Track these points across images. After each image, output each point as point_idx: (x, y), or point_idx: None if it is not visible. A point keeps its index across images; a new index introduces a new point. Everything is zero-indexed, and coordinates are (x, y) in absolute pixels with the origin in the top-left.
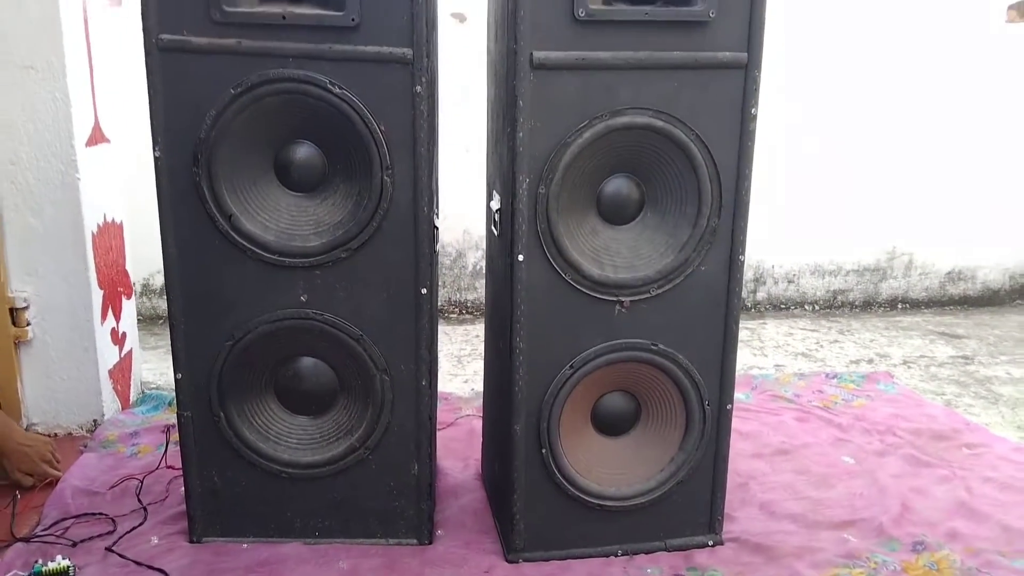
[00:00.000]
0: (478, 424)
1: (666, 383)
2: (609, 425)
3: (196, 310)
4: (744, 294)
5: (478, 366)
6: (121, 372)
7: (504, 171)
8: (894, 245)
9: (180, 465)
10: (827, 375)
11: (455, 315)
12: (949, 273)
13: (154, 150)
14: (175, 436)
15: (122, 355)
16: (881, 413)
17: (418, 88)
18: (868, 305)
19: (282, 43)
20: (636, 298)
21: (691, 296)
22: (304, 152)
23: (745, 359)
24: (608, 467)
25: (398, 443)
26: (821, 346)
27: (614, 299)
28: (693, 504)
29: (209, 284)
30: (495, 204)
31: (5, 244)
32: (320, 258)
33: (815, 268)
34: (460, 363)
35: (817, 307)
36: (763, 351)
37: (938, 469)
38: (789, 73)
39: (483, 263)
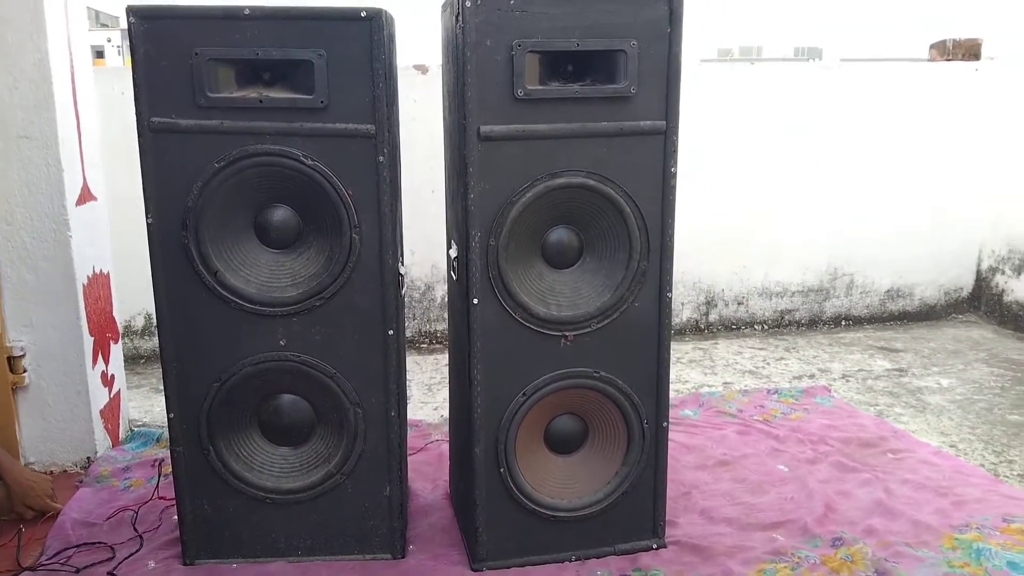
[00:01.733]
0: (446, 448)
1: (609, 405)
2: (560, 444)
3: (186, 356)
4: (697, 316)
5: (447, 394)
6: (111, 412)
7: (459, 225)
8: (835, 267)
9: (172, 496)
10: (769, 391)
11: (425, 345)
12: (888, 291)
13: (147, 217)
14: (166, 469)
15: (111, 396)
16: (816, 424)
17: (381, 158)
18: (814, 323)
19: (260, 123)
20: (579, 332)
21: (627, 328)
22: (281, 214)
23: (696, 378)
24: (560, 482)
25: (371, 468)
26: (768, 363)
27: (559, 334)
28: (638, 512)
29: (197, 332)
30: (453, 252)
31: (3, 297)
32: (297, 307)
33: (763, 290)
34: (430, 391)
35: (766, 327)
36: (713, 370)
37: (862, 473)
38: (732, 105)
39: None
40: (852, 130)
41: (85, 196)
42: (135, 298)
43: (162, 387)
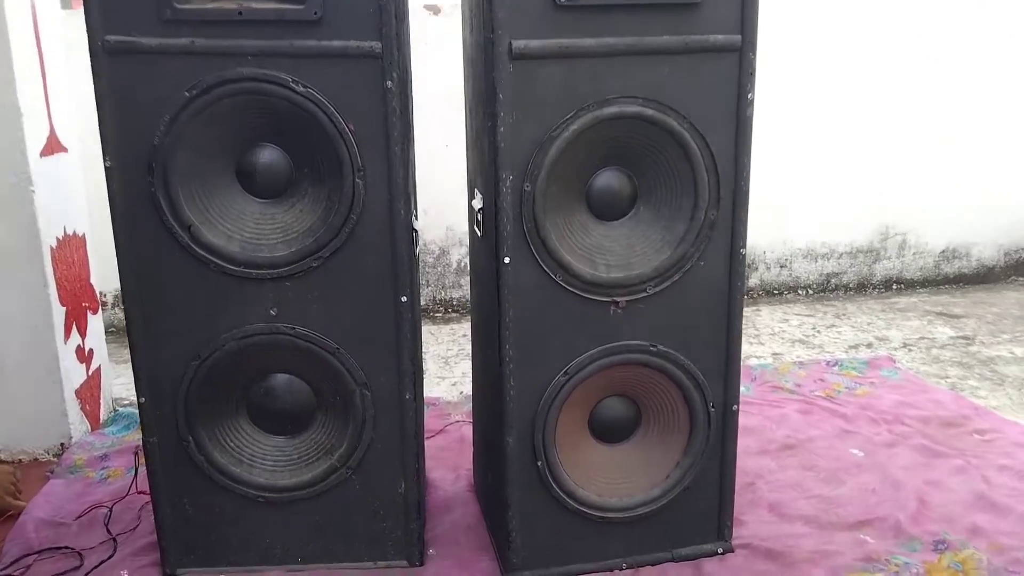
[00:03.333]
0: (468, 431)
1: (667, 386)
2: (608, 432)
3: (158, 329)
4: None
5: (466, 367)
6: (89, 391)
7: (486, 168)
8: (887, 225)
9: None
10: (828, 363)
11: (440, 314)
12: (943, 252)
13: (104, 159)
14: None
15: (90, 373)
16: (887, 401)
17: (389, 83)
18: (862, 287)
19: (239, 41)
20: (632, 297)
21: (690, 293)
22: (268, 156)
23: (742, 348)
24: (609, 476)
25: (382, 461)
26: (818, 331)
27: (609, 300)
28: (700, 511)
29: (171, 300)
30: (477, 203)
31: None
32: (290, 268)
33: (807, 252)
34: (447, 365)
35: (811, 291)
36: (759, 339)
37: (951, 459)
38: (777, 53)
39: (467, 260)
40: (903, 73)
41: (53, 146)
42: None
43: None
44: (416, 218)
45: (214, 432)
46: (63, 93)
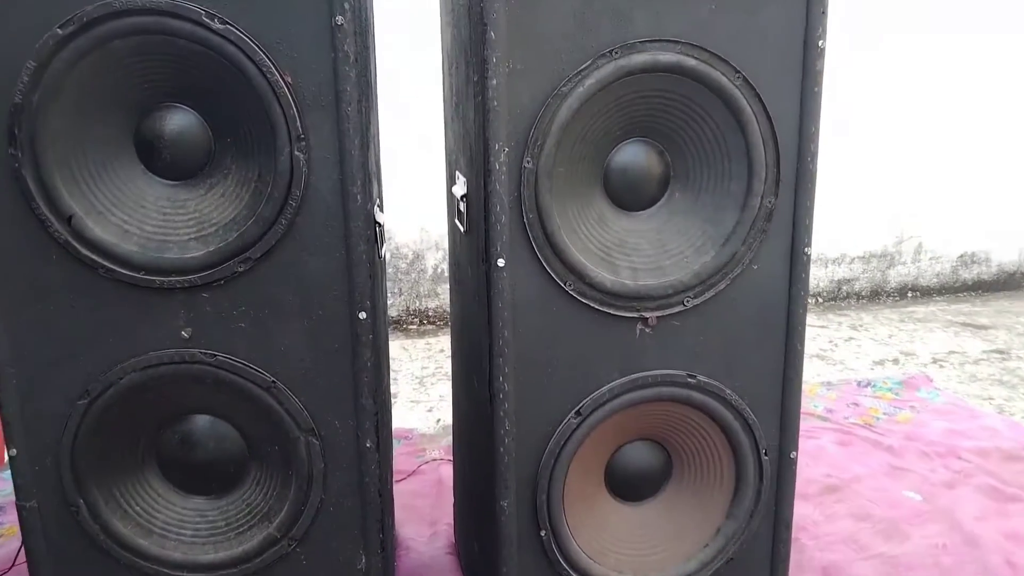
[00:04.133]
0: (448, 471)
1: (707, 427)
2: (630, 488)
3: (31, 357)
4: None
5: (444, 389)
6: None
7: (472, 140)
8: (902, 229)
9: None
10: (858, 383)
11: (415, 326)
12: (961, 256)
13: None
14: None
15: None
16: (934, 429)
17: (339, 19)
18: (876, 295)
19: None
20: (665, 312)
21: (740, 306)
22: (177, 121)
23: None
24: (632, 546)
25: (336, 529)
26: (835, 345)
27: (635, 315)
28: None
29: (48, 320)
30: (459, 189)
31: None
32: (207, 274)
33: (818, 257)
34: (422, 386)
35: (821, 299)
36: None
37: None
38: None
39: (444, 266)
40: (923, 74)
41: None
42: None
43: None
44: (380, 208)
45: (112, 493)
46: None
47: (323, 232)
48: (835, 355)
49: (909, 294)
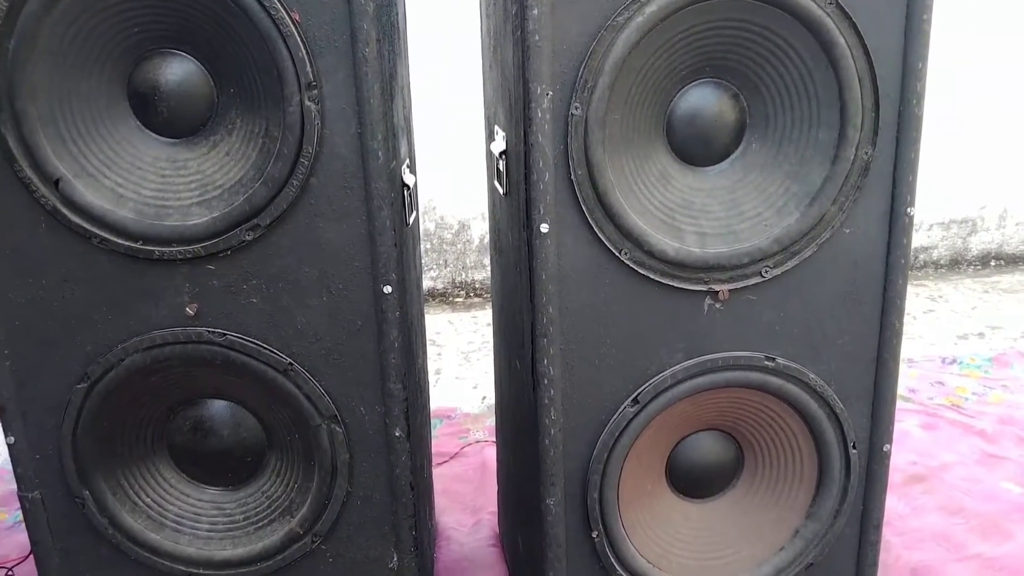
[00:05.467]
0: (491, 454)
1: (787, 416)
2: (695, 483)
3: (25, 339)
4: None
5: (490, 364)
6: None
7: (511, 85)
8: (985, 193)
9: None
10: (944, 360)
11: (461, 299)
12: None
13: None
14: None
15: None
16: None
17: None
18: (956, 264)
19: None
20: (739, 285)
21: (828, 277)
22: (174, 69)
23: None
24: (695, 549)
25: (364, 524)
26: (914, 318)
27: (703, 288)
28: None
29: (39, 297)
30: (497, 145)
31: None
32: (212, 243)
33: None
34: (467, 361)
35: None
36: None
37: None
38: None
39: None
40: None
41: None
42: None
43: None
44: (411, 168)
45: (120, 484)
46: None
47: (341, 195)
48: (914, 329)
49: (992, 263)
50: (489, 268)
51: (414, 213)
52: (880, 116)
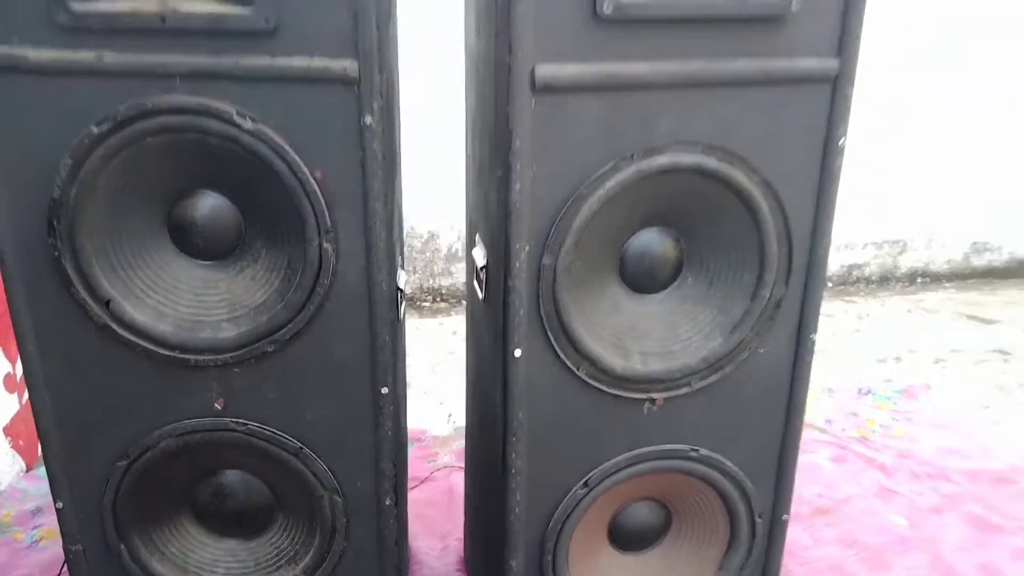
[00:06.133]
0: (458, 480)
1: (707, 492)
2: (631, 540)
3: (75, 424)
4: None
5: (454, 377)
6: (23, 422)
7: (493, 226)
8: (914, 216)
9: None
10: (860, 391)
11: (428, 304)
12: (974, 244)
13: None
14: None
15: (23, 401)
16: (928, 447)
17: (368, 119)
18: (886, 280)
19: (164, 56)
20: (672, 394)
21: (744, 386)
22: (209, 206)
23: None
24: None
25: (357, 573)
26: (838, 338)
27: (644, 396)
28: None
29: (89, 391)
30: (479, 256)
31: None
32: (239, 353)
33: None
34: (435, 373)
35: (831, 283)
36: None
37: (1009, 536)
38: None
39: (458, 245)
40: (944, 59)
41: None
42: None
43: None
44: (402, 265)
45: (151, 538)
46: None
47: (349, 316)
48: (839, 350)
49: (919, 280)
50: (456, 275)
51: (403, 306)
52: (793, 264)
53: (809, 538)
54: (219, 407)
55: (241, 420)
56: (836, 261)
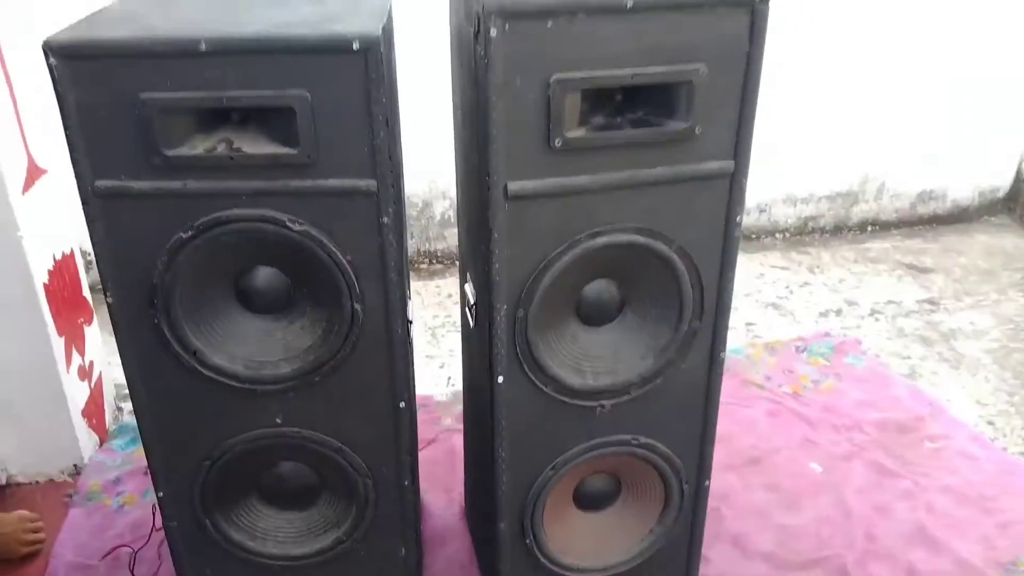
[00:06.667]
0: (459, 441)
1: (646, 467)
2: (590, 502)
3: (170, 437)
4: None
5: (453, 341)
6: (94, 405)
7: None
8: (867, 171)
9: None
10: (797, 348)
11: (425, 266)
12: (920, 194)
13: (105, 295)
14: None
15: (92, 386)
16: (849, 400)
17: (385, 219)
18: (839, 230)
19: (232, 183)
20: (617, 400)
21: (671, 393)
22: (266, 276)
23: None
24: (590, 542)
25: (384, 534)
26: (791, 292)
27: (595, 404)
28: (670, 567)
29: (181, 414)
30: (470, 294)
31: None
32: (292, 383)
33: (787, 196)
34: (434, 338)
35: (788, 235)
36: (734, 302)
37: (900, 479)
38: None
39: (451, 213)
40: (892, 22)
41: (32, 175)
42: None
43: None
44: (409, 296)
45: (229, 514)
46: (29, 102)
47: (373, 353)
48: (788, 304)
49: (869, 228)
50: (449, 240)
51: (412, 334)
52: (704, 305)
53: (741, 484)
54: (279, 421)
55: (295, 429)
56: (793, 214)
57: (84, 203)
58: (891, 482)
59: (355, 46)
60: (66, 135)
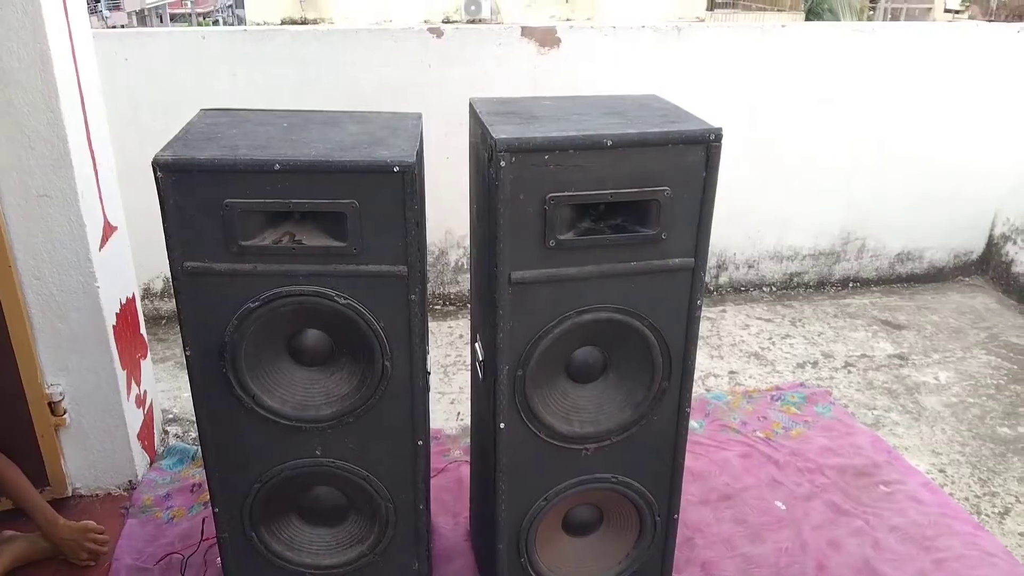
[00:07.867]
0: (465, 471)
1: (623, 501)
2: (576, 528)
3: (227, 463)
4: (707, 279)
5: (464, 380)
6: (146, 429)
7: (488, 352)
8: (849, 231)
9: (213, 532)
10: (772, 396)
11: (439, 307)
12: (899, 254)
13: (185, 350)
14: (203, 497)
15: (145, 413)
16: (815, 446)
17: (412, 297)
18: (821, 285)
19: (293, 265)
20: (599, 445)
21: (645, 439)
22: (314, 336)
23: (702, 362)
24: (575, 562)
25: (401, 549)
26: (773, 343)
27: (580, 447)
28: None
29: (238, 444)
30: (479, 352)
31: (38, 346)
32: (331, 423)
33: (775, 254)
34: (446, 376)
35: (775, 289)
36: (720, 351)
37: (854, 519)
38: (751, 68)
39: (464, 260)
40: (875, 94)
41: (107, 232)
42: (152, 259)
43: (185, 360)
44: (428, 351)
45: (272, 528)
46: (110, 171)
47: (398, 400)
48: (770, 355)
49: (850, 285)
50: (462, 284)
51: (430, 386)
52: (672, 369)
53: (713, 518)
54: (318, 453)
55: (331, 459)
56: (780, 270)
57: (174, 279)
58: (845, 520)
59: (395, 169)
60: (164, 227)
